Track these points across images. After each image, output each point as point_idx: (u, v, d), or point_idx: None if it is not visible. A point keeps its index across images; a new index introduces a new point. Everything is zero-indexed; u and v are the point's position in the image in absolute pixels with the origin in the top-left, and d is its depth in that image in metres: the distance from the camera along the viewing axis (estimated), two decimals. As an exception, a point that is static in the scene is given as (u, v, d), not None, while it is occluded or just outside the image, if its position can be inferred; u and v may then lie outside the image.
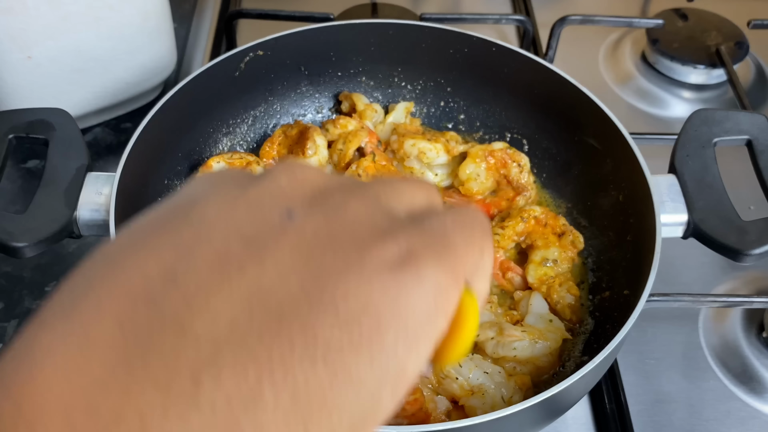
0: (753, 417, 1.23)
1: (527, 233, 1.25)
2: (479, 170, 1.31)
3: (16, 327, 1.31)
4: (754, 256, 1.07)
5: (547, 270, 1.21)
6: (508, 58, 1.38)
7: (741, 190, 1.40)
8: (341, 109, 1.44)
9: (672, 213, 1.12)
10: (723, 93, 1.81)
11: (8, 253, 1.04)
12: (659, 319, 1.34)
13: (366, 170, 1.26)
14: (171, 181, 1.29)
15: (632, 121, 1.71)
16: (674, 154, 1.18)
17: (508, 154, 1.32)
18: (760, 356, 1.29)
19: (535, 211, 1.25)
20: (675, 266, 1.42)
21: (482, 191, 1.34)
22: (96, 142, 1.62)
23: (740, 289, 1.40)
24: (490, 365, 1.09)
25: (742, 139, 1.20)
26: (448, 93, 1.48)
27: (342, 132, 1.34)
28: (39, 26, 1.37)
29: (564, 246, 1.23)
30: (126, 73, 1.54)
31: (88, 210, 1.09)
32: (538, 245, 1.24)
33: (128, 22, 1.47)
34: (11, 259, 1.43)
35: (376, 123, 1.40)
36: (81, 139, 1.15)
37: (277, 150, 1.36)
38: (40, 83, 1.44)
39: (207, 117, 1.36)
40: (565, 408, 1.07)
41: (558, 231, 1.24)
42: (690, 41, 1.83)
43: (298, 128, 1.35)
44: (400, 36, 1.42)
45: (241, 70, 1.36)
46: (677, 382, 1.27)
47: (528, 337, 1.09)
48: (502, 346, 1.09)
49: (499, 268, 1.23)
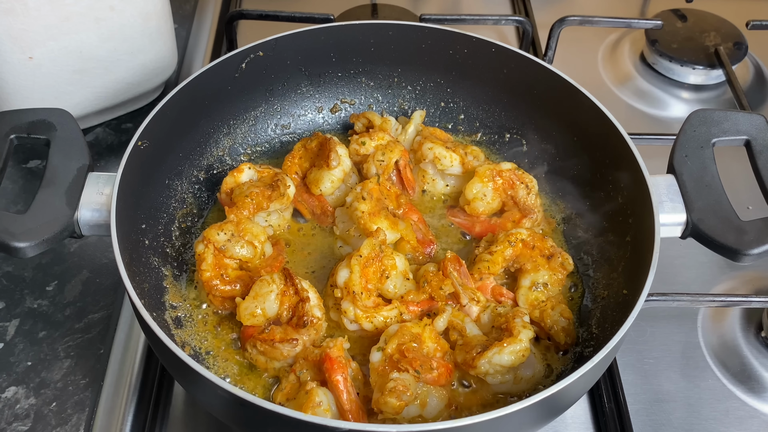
0: (751, 416, 1.23)
1: (516, 257, 1.25)
2: (486, 190, 1.31)
3: (17, 326, 1.31)
4: (752, 256, 1.08)
5: (538, 294, 1.21)
6: (507, 58, 1.38)
7: (739, 190, 1.40)
8: (356, 130, 1.45)
9: (671, 213, 1.12)
10: (722, 93, 1.82)
11: (9, 253, 1.05)
12: (658, 318, 1.34)
13: (370, 192, 1.26)
14: (172, 181, 1.30)
15: (631, 122, 1.72)
16: (673, 155, 1.19)
17: (516, 175, 1.31)
18: (758, 356, 1.30)
19: (521, 234, 1.25)
20: (674, 266, 1.42)
21: (488, 212, 1.33)
22: (97, 142, 1.63)
23: (739, 289, 1.40)
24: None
25: (741, 139, 1.21)
26: (448, 93, 1.48)
27: (379, 144, 1.36)
28: (40, 27, 1.38)
29: (553, 268, 1.22)
30: (127, 73, 1.54)
31: (90, 210, 1.09)
32: (527, 269, 1.23)
33: (129, 23, 1.47)
34: (12, 259, 1.44)
35: (397, 135, 1.41)
36: (82, 139, 1.16)
37: (299, 164, 1.37)
38: (41, 84, 1.45)
39: (207, 117, 1.36)
40: (565, 407, 1.08)
41: (546, 253, 1.23)
42: (689, 42, 1.84)
43: (318, 140, 1.36)
44: (400, 37, 1.42)
45: (241, 70, 1.37)
46: (676, 381, 1.27)
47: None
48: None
49: (491, 294, 1.23)
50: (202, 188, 1.36)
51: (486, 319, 1.18)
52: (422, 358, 1.07)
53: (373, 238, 1.20)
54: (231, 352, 1.16)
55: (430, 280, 1.18)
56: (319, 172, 1.33)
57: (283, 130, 1.48)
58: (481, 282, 1.22)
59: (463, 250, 1.31)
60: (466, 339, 1.13)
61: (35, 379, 1.25)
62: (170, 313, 1.18)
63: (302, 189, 1.36)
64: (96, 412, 1.20)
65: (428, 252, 1.29)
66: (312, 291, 1.16)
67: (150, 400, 1.21)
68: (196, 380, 0.95)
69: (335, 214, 1.33)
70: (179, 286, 1.22)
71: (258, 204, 1.24)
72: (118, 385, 1.22)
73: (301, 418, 0.88)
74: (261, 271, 1.20)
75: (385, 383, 1.04)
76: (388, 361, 1.07)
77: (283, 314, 1.14)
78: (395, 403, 1.01)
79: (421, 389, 1.06)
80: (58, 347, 1.29)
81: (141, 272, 1.14)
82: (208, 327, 1.19)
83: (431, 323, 1.13)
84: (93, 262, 1.40)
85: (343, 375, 1.05)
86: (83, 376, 1.25)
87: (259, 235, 1.22)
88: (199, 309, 1.20)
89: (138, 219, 1.19)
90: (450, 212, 1.36)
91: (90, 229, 1.09)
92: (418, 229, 1.29)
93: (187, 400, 1.22)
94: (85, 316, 1.33)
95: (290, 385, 1.08)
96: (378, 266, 1.18)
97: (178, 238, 1.28)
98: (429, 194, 1.39)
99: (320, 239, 1.32)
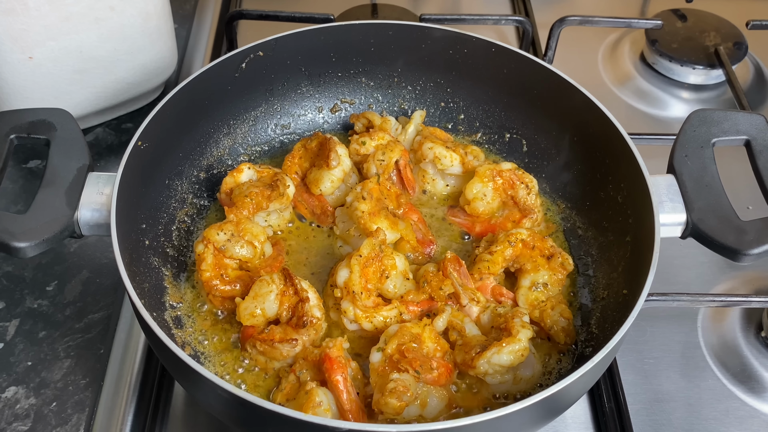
0: (752, 416, 1.23)
1: (515, 257, 1.25)
2: (486, 190, 1.31)
3: (17, 326, 1.31)
4: (752, 256, 1.08)
5: (538, 295, 1.21)
6: (507, 58, 1.38)
7: (739, 190, 1.40)
8: (356, 130, 1.45)
9: (671, 213, 1.12)
10: (722, 93, 1.81)
11: (10, 253, 1.05)
12: (658, 318, 1.34)
13: (370, 192, 1.26)
14: (172, 181, 1.30)
15: (631, 122, 1.72)
16: (673, 155, 1.19)
17: (516, 175, 1.31)
18: (758, 356, 1.30)
19: (521, 234, 1.25)
20: (674, 266, 1.42)
21: (488, 212, 1.33)
22: (97, 142, 1.63)
23: (739, 289, 1.40)
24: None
25: (741, 139, 1.21)
26: (447, 93, 1.48)
27: (379, 144, 1.36)
28: (40, 27, 1.38)
29: (553, 268, 1.22)
30: (127, 73, 1.54)
31: (90, 210, 1.09)
32: (527, 269, 1.23)
33: (129, 22, 1.47)
34: (12, 259, 1.44)
35: (397, 135, 1.41)
36: (82, 139, 1.16)
37: (299, 164, 1.37)
38: (41, 83, 1.45)
39: (207, 117, 1.36)
40: (565, 407, 1.08)
41: (546, 253, 1.23)
42: (689, 42, 1.84)
43: (318, 140, 1.36)
44: (400, 36, 1.42)
45: (241, 70, 1.37)
46: (676, 381, 1.27)
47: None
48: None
49: (491, 294, 1.23)
50: (202, 188, 1.36)
51: (486, 320, 1.18)
52: (422, 359, 1.07)
53: (373, 238, 1.20)
54: (231, 352, 1.16)
55: (430, 280, 1.18)
56: (319, 172, 1.33)
57: (283, 130, 1.48)
58: (481, 282, 1.22)
59: (463, 250, 1.31)
60: (466, 339, 1.13)
61: (35, 379, 1.25)
62: (170, 313, 1.18)
63: (302, 189, 1.36)
64: (96, 412, 1.20)
65: (428, 252, 1.29)
66: (312, 291, 1.16)
67: (150, 400, 1.21)
68: (196, 380, 0.95)
69: (335, 214, 1.33)
70: (179, 286, 1.23)
71: (257, 204, 1.24)
72: (118, 385, 1.22)
73: (301, 418, 0.88)
74: (261, 271, 1.20)
75: (385, 384, 1.04)
76: (388, 361, 1.07)
77: (282, 314, 1.14)
78: (396, 404, 1.01)
79: (421, 389, 1.06)
80: (58, 347, 1.29)
81: (141, 272, 1.14)
82: (208, 327, 1.19)
83: (431, 323, 1.13)
84: (93, 262, 1.40)
85: (342, 375, 1.05)
86: (83, 376, 1.25)
87: (258, 235, 1.22)
88: (199, 309, 1.20)
89: (138, 219, 1.19)
90: (450, 212, 1.36)
91: (90, 229, 1.09)
92: (418, 229, 1.29)
93: (187, 400, 1.22)
94: (85, 316, 1.33)
95: (290, 385, 1.08)
96: (378, 266, 1.18)
97: (178, 238, 1.28)
98: (429, 194, 1.39)
99: (320, 239, 1.32)
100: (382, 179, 1.32)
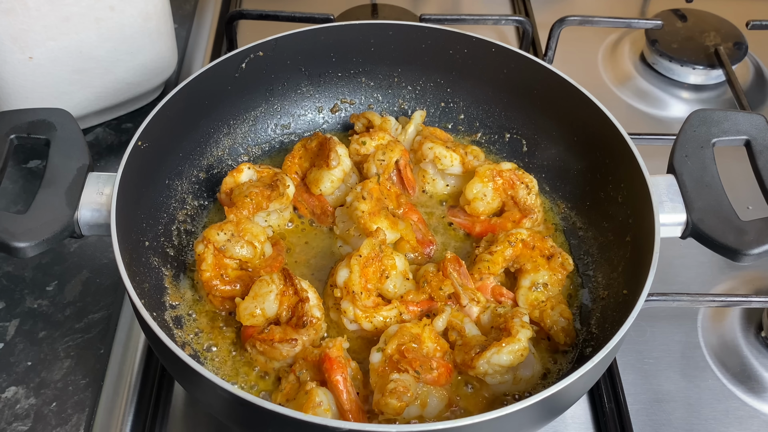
0: (751, 416, 1.23)
1: (516, 257, 1.25)
2: (486, 190, 1.31)
3: (17, 326, 1.31)
4: (752, 256, 1.08)
5: (538, 295, 1.21)
6: (507, 58, 1.38)
7: (739, 190, 1.40)
8: (356, 130, 1.45)
9: (671, 213, 1.12)
10: (722, 93, 1.81)
11: (10, 253, 1.04)
12: (658, 318, 1.34)
13: (370, 192, 1.26)
14: (172, 181, 1.30)
15: (631, 122, 1.72)
16: (673, 155, 1.19)
17: (516, 175, 1.31)
18: (758, 356, 1.30)
19: (522, 234, 1.25)
20: (674, 266, 1.42)
21: (488, 212, 1.33)
22: (97, 142, 1.63)
23: (739, 289, 1.40)
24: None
25: (741, 139, 1.21)
26: (447, 93, 1.48)
27: (379, 144, 1.36)
28: (40, 27, 1.38)
29: (553, 268, 1.22)
30: (127, 73, 1.54)
31: (90, 210, 1.09)
32: (527, 269, 1.23)
33: (129, 22, 1.47)
34: (12, 259, 1.44)
35: (397, 135, 1.42)
36: (82, 139, 1.16)
37: (299, 164, 1.37)
38: (41, 84, 1.45)
39: (207, 117, 1.36)
40: (565, 407, 1.08)
41: (546, 253, 1.23)
42: (689, 42, 1.84)
43: (318, 140, 1.36)
44: (400, 36, 1.42)
45: (241, 70, 1.37)
46: (676, 381, 1.27)
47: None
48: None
49: (491, 294, 1.23)
50: (202, 188, 1.36)
51: (486, 320, 1.18)
52: (422, 359, 1.07)
53: (373, 238, 1.20)
54: (231, 353, 1.16)
55: (429, 281, 1.18)
56: (319, 172, 1.33)
57: (283, 130, 1.48)
58: (481, 282, 1.22)
59: (463, 250, 1.31)
60: (466, 339, 1.13)
61: (35, 379, 1.25)
62: (170, 313, 1.18)
63: (302, 189, 1.36)
64: (96, 412, 1.20)
65: (428, 252, 1.29)
66: (311, 291, 1.16)
67: (150, 400, 1.21)
68: (196, 380, 0.95)
69: (335, 214, 1.33)
70: (179, 286, 1.23)
71: (257, 204, 1.24)
72: (118, 385, 1.22)
73: (301, 418, 0.88)
74: (261, 271, 1.20)
75: (385, 384, 1.04)
76: (388, 361, 1.07)
77: (282, 314, 1.14)
78: (396, 404, 1.01)
79: (422, 389, 1.06)
80: (58, 347, 1.29)
81: (141, 272, 1.14)
82: (208, 327, 1.19)
83: (431, 323, 1.13)
84: (93, 262, 1.40)
85: (342, 375, 1.05)
86: (83, 376, 1.25)
87: (258, 235, 1.22)
88: (199, 309, 1.20)
89: (138, 219, 1.19)
90: (450, 212, 1.36)
91: (90, 229, 1.09)
92: (418, 229, 1.29)
93: (187, 400, 1.22)
94: (85, 316, 1.33)
95: (290, 385, 1.08)
96: (378, 266, 1.18)
97: (178, 238, 1.28)
98: (429, 194, 1.39)
99: (320, 239, 1.32)
100: (382, 179, 1.32)
